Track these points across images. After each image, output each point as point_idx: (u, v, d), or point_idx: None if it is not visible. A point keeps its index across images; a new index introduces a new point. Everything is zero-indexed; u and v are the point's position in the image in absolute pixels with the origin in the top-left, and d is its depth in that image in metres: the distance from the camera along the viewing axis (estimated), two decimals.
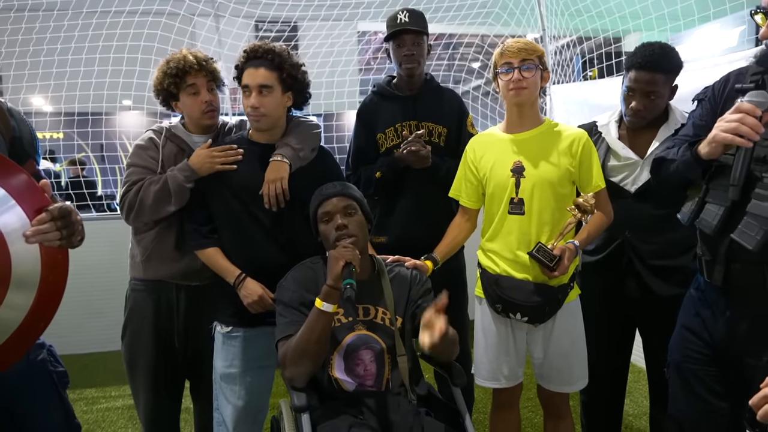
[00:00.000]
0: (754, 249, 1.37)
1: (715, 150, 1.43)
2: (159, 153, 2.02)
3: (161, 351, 2.05)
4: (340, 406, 1.68)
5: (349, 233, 1.73)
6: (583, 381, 2.02)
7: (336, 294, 1.60)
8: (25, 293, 1.24)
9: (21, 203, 1.23)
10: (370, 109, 2.37)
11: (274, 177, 1.87)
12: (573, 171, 1.91)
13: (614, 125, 2.14)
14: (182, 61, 1.97)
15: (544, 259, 1.81)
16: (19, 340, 1.26)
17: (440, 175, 2.22)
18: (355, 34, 6.90)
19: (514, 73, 1.85)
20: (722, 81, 1.60)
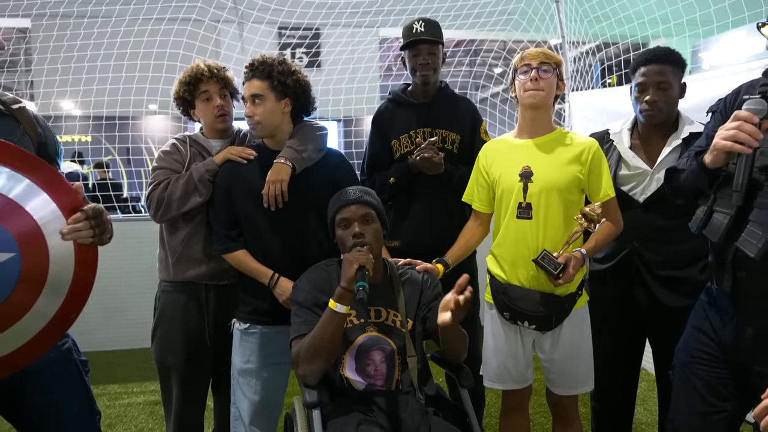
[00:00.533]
0: (755, 257, 1.40)
1: (717, 158, 1.47)
2: (182, 156, 2.15)
3: (192, 350, 2.15)
4: (351, 403, 1.74)
5: (365, 242, 1.80)
6: (590, 384, 2.05)
7: (349, 295, 1.67)
8: (60, 286, 1.37)
9: (58, 204, 1.36)
10: (385, 116, 2.44)
11: (274, 178, 1.97)
12: (582, 179, 1.94)
13: (627, 133, 2.18)
14: (195, 70, 2.12)
15: (549, 267, 1.85)
16: (53, 329, 1.39)
17: (453, 181, 2.28)
18: (376, 40, 6.99)
19: (532, 73, 1.91)
20: (734, 93, 1.64)
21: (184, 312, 2.15)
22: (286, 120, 2.06)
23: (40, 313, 1.36)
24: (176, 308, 2.16)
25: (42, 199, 1.34)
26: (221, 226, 2.05)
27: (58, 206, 1.36)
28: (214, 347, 2.19)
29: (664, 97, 2.04)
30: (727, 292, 1.56)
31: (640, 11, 4.22)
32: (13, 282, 1.30)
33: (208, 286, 2.16)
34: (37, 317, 1.36)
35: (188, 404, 2.22)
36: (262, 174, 2.01)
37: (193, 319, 2.15)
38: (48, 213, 1.35)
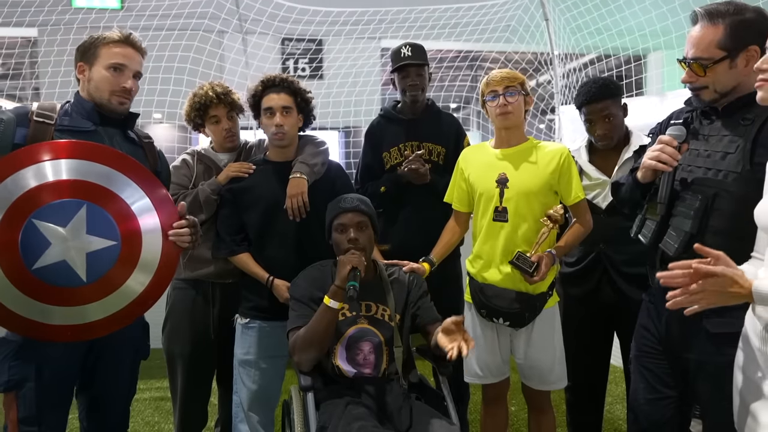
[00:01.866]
0: (673, 255, 1.64)
1: (646, 174, 1.73)
2: (190, 171, 2.42)
3: (197, 342, 2.41)
4: (341, 389, 1.98)
5: (359, 246, 2.04)
6: (562, 382, 2.27)
7: (341, 293, 1.91)
8: (146, 274, 1.79)
9: (159, 212, 1.81)
10: (377, 131, 2.70)
11: (295, 192, 2.22)
12: (554, 183, 2.17)
13: (584, 150, 2.47)
14: (204, 97, 2.40)
15: (524, 266, 2.07)
16: (135, 308, 1.80)
17: (438, 190, 2.51)
18: (378, 50, 7.24)
19: (500, 99, 2.14)
20: (667, 118, 1.89)
21: (192, 306, 2.41)
22: (297, 134, 2.35)
23: (123, 296, 1.76)
24: (185, 303, 2.42)
25: (147, 205, 1.78)
26: (227, 233, 2.31)
27: (158, 217, 1.80)
28: (218, 341, 2.43)
29: (611, 127, 2.35)
30: (659, 288, 1.77)
31: (636, 24, 4.42)
32: (111, 264, 1.72)
33: (214, 284, 2.41)
34: (124, 294, 1.76)
35: (192, 392, 2.47)
36: (270, 184, 2.28)
37: (200, 313, 2.41)
38: (149, 217, 1.78)
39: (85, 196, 1.69)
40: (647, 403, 1.86)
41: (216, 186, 2.33)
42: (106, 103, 1.86)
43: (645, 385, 1.87)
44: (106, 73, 1.84)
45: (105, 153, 1.75)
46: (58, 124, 1.79)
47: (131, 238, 1.75)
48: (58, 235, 1.64)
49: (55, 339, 1.72)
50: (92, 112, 1.86)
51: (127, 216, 1.75)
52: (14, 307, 1.63)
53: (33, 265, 1.62)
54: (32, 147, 1.68)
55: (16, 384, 1.73)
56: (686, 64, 1.66)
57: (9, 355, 1.74)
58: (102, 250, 1.70)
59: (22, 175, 1.64)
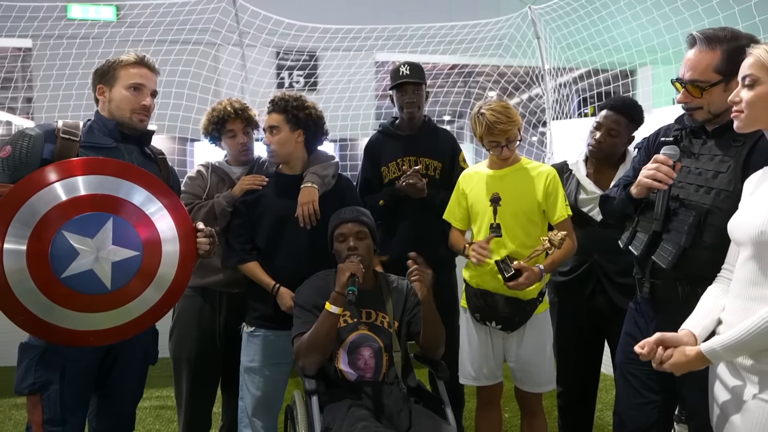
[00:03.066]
0: (667, 267, 1.79)
1: (641, 191, 1.86)
2: (204, 182, 2.56)
3: (203, 348, 2.54)
4: (343, 392, 2.13)
5: (357, 254, 2.19)
6: (551, 384, 2.43)
7: (341, 299, 2.07)
8: (163, 283, 1.93)
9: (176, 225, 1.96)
10: (376, 146, 2.88)
11: (306, 200, 2.36)
12: (541, 202, 2.35)
13: (582, 164, 2.62)
14: (223, 112, 2.55)
15: (504, 270, 2.23)
16: (152, 314, 1.93)
17: (435, 204, 2.68)
18: (372, 64, 7.42)
19: (503, 150, 2.32)
20: (655, 133, 2.04)
21: (199, 314, 2.54)
22: (299, 149, 2.47)
23: (145, 300, 1.89)
24: (193, 310, 2.55)
25: (167, 219, 1.94)
26: (238, 242, 2.45)
27: (176, 226, 1.96)
28: (223, 348, 2.57)
29: (609, 141, 2.51)
30: (647, 298, 1.94)
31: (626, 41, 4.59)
32: (133, 273, 1.86)
33: (221, 293, 2.55)
34: (142, 303, 1.89)
35: (197, 398, 2.59)
36: (280, 197, 2.43)
37: (207, 320, 2.54)
38: (168, 230, 1.93)
39: (112, 210, 1.84)
40: (633, 407, 1.99)
41: (231, 198, 2.47)
42: (128, 121, 2.03)
43: (631, 391, 2.00)
44: (126, 93, 2.01)
45: (130, 170, 1.92)
46: (82, 141, 1.95)
47: (152, 249, 1.90)
48: (86, 245, 1.79)
49: (79, 344, 1.86)
50: (114, 129, 2.03)
51: (149, 228, 1.90)
52: (43, 315, 1.77)
53: (62, 273, 1.76)
54: (64, 163, 1.83)
55: (42, 387, 1.87)
56: (682, 85, 1.79)
57: (34, 360, 1.87)
58: (126, 259, 1.85)
59: (53, 189, 1.78)
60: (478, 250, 2.24)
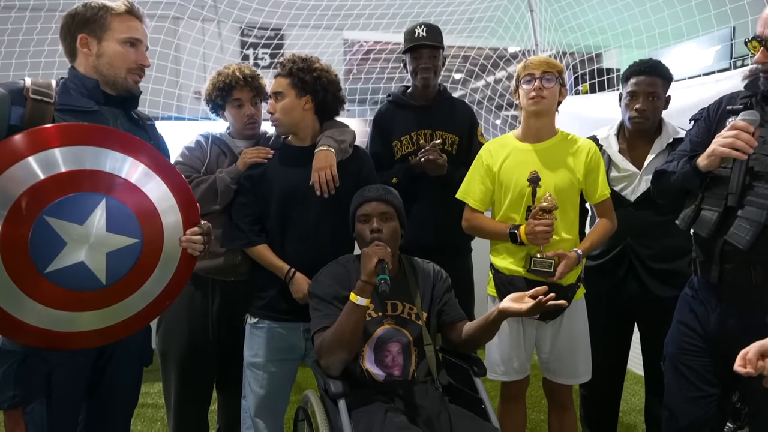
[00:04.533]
0: (744, 248, 1.59)
1: (713, 162, 1.65)
2: (204, 153, 2.22)
3: (194, 342, 2.20)
4: (371, 394, 1.84)
5: (382, 237, 1.90)
6: (587, 375, 2.22)
7: (369, 288, 1.77)
8: (166, 274, 1.63)
9: (181, 210, 1.64)
10: (386, 117, 2.56)
11: (322, 165, 2.05)
12: (581, 180, 2.11)
13: (614, 138, 2.38)
14: (231, 77, 2.20)
15: (543, 269, 2.03)
16: (151, 310, 1.64)
17: (453, 182, 2.39)
18: (341, 43, 7.07)
19: (535, 83, 2.05)
20: (716, 103, 1.83)
21: (189, 305, 2.20)
22: (308, 117, 2.15)
23: (143, 297, 1.59)
24: (182, 300, 2.18)
25: (169, 200, 1.61)
26: (245, 223, 2.12)
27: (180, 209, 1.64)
28: (217, 343, 2.24)
29: (652, 107, 2.26)
30: (714, 283, 1.74)
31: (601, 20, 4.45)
32: (131, 264, 1.55)
33: (214, 281, 2.22)
34: (139, 300, 1.59)
35: (188, 398, 2.26)
36: (288, 171, 2.12)
37: (198, 311, 2.21)
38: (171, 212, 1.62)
39: (103, 189, 1.50)
40: (688, 401, 1.83)
41: (236, 174, 2.15)
42: (122, 82, 1.69)
43: (685, 384, 1.83)
44: (121, 49, 1.66)
45: (120, 139, 1.56)
46: (58, 104, 1.59)
47: (153, 236, 1.58)
48: (75, 233, 1.45)
49: (68, 347, 1.54)
50: (95, 89, 1.67)
51: (149, 211, 1.57)
52: (23, 316, 1.43)
53: (46, 268, 1.42)
54: (36, 132, 1.46)
55: (23, 399, 1.53)
56: (761, 44, 1.59)
57: (13, 368, 1.53)
58: (123, 249, 1.52)
59: (27, 164, 1.42)
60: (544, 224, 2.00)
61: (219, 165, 2.23)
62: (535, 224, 2.01)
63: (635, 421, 3.07)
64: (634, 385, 3.44)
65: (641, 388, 3.40)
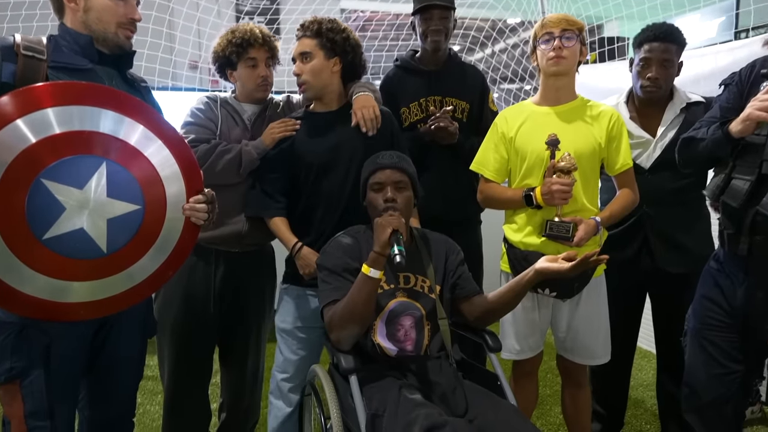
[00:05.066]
0: None
1: (748, 128, 1.56)
2: (215, 115, 2.11)
3: (194, 316, 2.10)
4: (383, 369, 1.77)
5: (396, 207, 1.81)
6: (606, 356, 2.13)
7: (382, 260, 1.68)
8: (168, 244, 1.54)
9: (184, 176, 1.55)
10: (394, 83, 2.43)
11: (365, 104, 2.00)
12: (603, 147, 2.01)
13: (623, 107, 2.29)
14: (248, 34, 2.09)
15: (560, 233, 1.92)
16: (154, 281, 1.55)
17: (464, 152, 2.30)
18: (338, 11, 6.89)
19: (555, 42, 1.93)
20: (749, 67, 1.74)
21: (189, 275, 2.09)
22: (335, 81, 2.06)
23: (144, 267, 1.51)
24: (183, 270, 2.07)
25: (170, 164, 1.52)
26: (276, 193, 2.06)
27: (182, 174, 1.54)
28: (219, 316, 2.14)
29: (665, 75, 2.17)
30: (743, 255, 1.66)
31: None
32: (133, 232, 1.46)
33: (218, 252, 2.12)
34: (141, 270, 1.50)
35: (183, 373, 2.15)
36: (314, 139, 2.05)
37: (199, 284, 2.10)
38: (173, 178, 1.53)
39: (102, 151, 1.40)
40: (711, 378, 1.77)
41: (263, 150, 2.05)
42: (112, 37, 1.58)
43: (708, 360, 1.77)
44: (109, 2, 1.55)
45: (116, 98, 1.46)
46: (50, 61, 1.48)
47: (155, 202, 1.49)
48: (74, 197, 1.35)
49: (67, 319, 1.46)
50: (89, 47, 1.56)
51: (152, 177, 1.48)
52: (20, 285, 1.34)
53: (44, 234, 1.32)
54: (26, 91, 1.35)
55: (21, 372, 1.45)
56: None
57: (10, 339, 1.44)
58: (124, 216, 1.44)
59: (20, 125, 1.31)
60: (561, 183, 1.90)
61: (229, 129, 2.12)
62: (552, 182, 1.91)
63: (643, 396, 3.04)
64: (641, 360, 3.39)
65: (647, 362, 3.37)
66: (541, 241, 2.00)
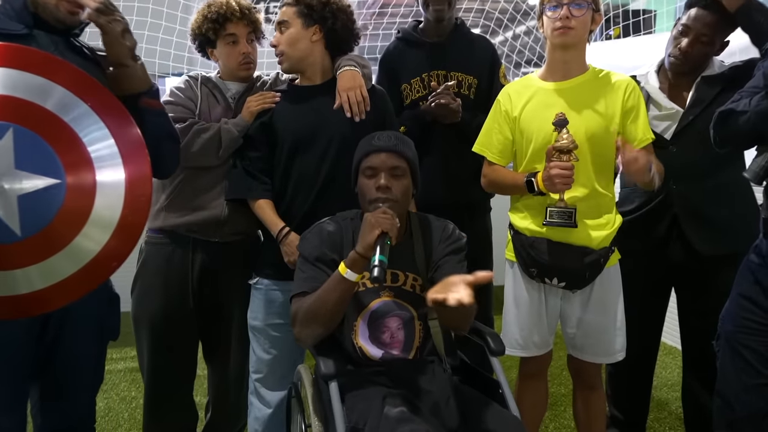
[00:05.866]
0: None
1: None
2: (194, 94, 1.93)
3: (171, 310, 1.91)
4: (369, 375, 1.55)
5: (390, 197, 1.55)
6: (621, 353, 1.88)
7: (363, 263, 1.43)
8: (103, 228, 1.30)
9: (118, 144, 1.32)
10: (394, 57, 2.19)
11: (350, 84, 1.79)
12: (619, 122, 1.75)
13: (654, 75, 2.02)
14: (224, 7, 1.88)
15: (562, 220, 1.70)
16: (92, 272, 1.31)
17: (470, 131, 2.05)
18: None
19: (562, 10, 1.67)
20: None
21: (166, 266, 1.91)
22: (317, 51, 1.85)
23: (79, 252, 1.28)
24: (158, 261, 1.92)
25: (102, 135, 1.30)
26: (262, 174, 1.86)
27: (117, 147, 1.31)
28: (198, 312, 1.95)
29: (698, 50, 1.89)
30: None
31: None
32: (53, 211, 1.24)
33: (196, 242, 1.91)
34: (74, 256, 1.28)
35: (162, 372, 1.97)
36: (296, 116, 1.84)
37: (175, 276, 1.91)
38: (106, 150, 1.30)
39: (13, 118, 1.20)
40: (747, 390, 1.54)
41: (244, 126, 1.86)
42: (52, 9, 1.39)
43: (745, 368, 1.54)
44: None
45: (53, 65, 1.27)
46: None
47: (80, 177, 1.27)
48: None
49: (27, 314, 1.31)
50: (23, 11, 1.38)
51: (74, 147, 1.27)
52: None
53: None
54: None
55: None
56: None
57: None
58: (40, 192, 1.23)
59: None
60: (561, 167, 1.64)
61: (210, 108, 1.93)
62: (551, 166, 1.66)
63: (667, 398, 2.75)
64: (665, 356, 3.11)
65: (672, 359, 3.09)
66: (553, 229, 1.76)
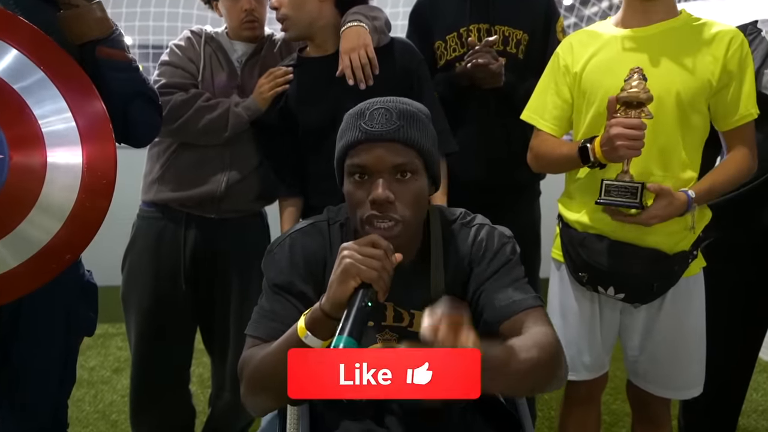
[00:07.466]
0: None
1: None
2: (196, 53, 1.66)
3: (161, 292, 1.67)
4: (361, 407, 1.14)
5: (393, 215, 0.98)
6: (698, 388, 1.43)
7: (330, 325, 0.89)
8: (54, 215, 1.10)
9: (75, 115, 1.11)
10: (427, 10, 1.76)
11: (353, 44, 1.47)
12: (715, 86, 1.26)
13: None
14: None
15: (622, 198, 1.24)
16: (41, 265, 1.11)
17: (516, 98, 1.62)
18: None
19: None
20: None
21: (156, 243, 1.67)
22: (325, 13, 1.55)
23: (23, 241, 1.08)
24: (149, 237, 1.68)
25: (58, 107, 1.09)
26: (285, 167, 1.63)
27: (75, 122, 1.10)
28: (193, 294, 1.69)
29: None
30: None
31: None
32: None
33: (189, 218, 1.66)
34: (17, 245, 1.08)
35: (149, 359, 1.72)
36: (307, 88, 1.57)
37: (167, 252, 1.67)
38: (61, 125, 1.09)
39: None
40: None
41: (256, 111, 1.60)
42: None
43: None
44: None
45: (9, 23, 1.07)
46: None
47: (28, 154, 1.06)
48: None
49: None
50: None
51: (22, 120, 1.06)
52: None
53: None
54: None
55: None
56: None
57: None
58: None
59: None
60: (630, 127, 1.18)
61: (213, 74, 1.66)
62: (612, 123, 1.21)
63: (756, 426, 2.20)
64: (757, 375, 2.51)
65: (766, 379, 2.49)
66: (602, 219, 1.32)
